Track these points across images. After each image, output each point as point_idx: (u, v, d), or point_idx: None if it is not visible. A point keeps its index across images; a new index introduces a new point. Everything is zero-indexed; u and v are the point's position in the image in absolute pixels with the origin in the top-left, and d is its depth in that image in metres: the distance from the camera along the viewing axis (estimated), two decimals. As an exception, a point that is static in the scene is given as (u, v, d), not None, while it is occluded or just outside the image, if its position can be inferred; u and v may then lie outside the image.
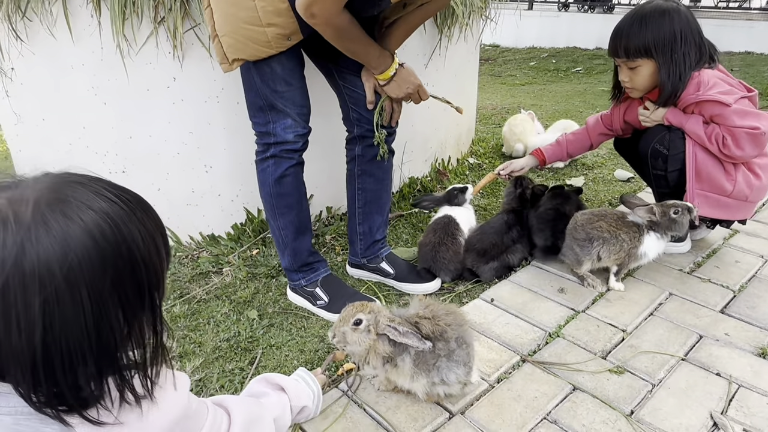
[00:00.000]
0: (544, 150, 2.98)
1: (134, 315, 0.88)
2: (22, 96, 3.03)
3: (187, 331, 2.43)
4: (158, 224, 0.96)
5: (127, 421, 0.89)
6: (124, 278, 0.85)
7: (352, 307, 1.73)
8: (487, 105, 6.45)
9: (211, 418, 1.07)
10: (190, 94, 2.76)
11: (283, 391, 1.44)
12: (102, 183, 0.92)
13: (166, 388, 0.97)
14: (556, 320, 2.24)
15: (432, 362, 1.71)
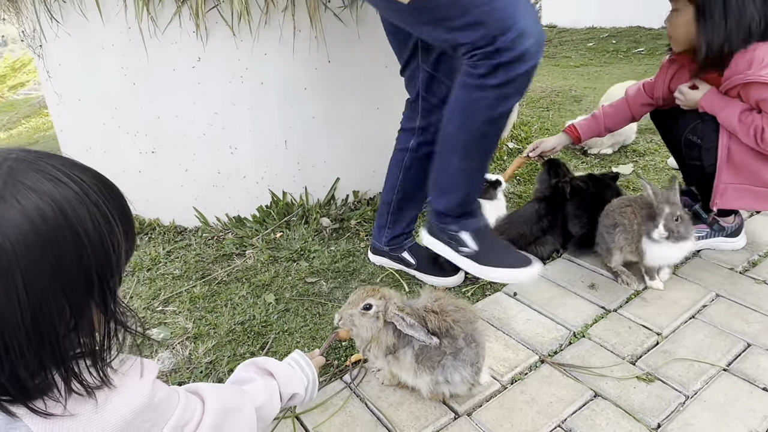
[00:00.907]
0: (579, 125, 2.72)
1: (82, 303, 0.82)
2: (60, 76, 3.11)
3: (205, 312, 2.43)
4: (119, 205, 0.90)
5: (80, 412, 0.84)
6: (67, 265, 0.79)
7: (363, 290, 1.66)
8: (536, 88, 6.14)
9: (182, 406, 1.01)
10: (214, 74, 2.74)
11: (271, 376, 1.37)
12: (55, 161, 0.85)
13: (130, 377, 0.92)
14: (583, 319, 2.06)
15: (437, 359, 1.61)
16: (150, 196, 3.13)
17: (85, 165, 0.90)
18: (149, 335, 1.00)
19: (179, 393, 1.05)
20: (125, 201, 0.93)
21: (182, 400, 1.03)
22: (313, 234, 2.97)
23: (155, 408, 0.94)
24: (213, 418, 1.07)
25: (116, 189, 0.92)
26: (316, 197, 3.11)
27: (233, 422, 1.13)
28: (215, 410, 1.08)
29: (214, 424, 1.06)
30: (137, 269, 2.80)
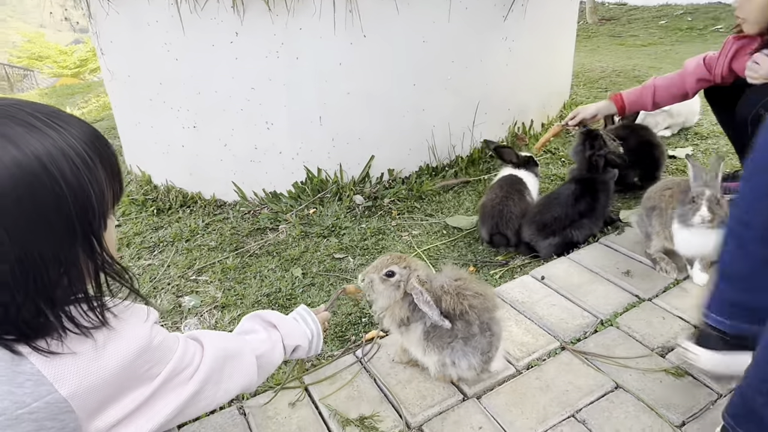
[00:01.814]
0: (626, 94, 2.51)
1: (66, 247, 0.85)
2: (112, 54, 3.25)
3: (234, 283, 2.49)
4: (100, 151, 0.90)
5: (81, 351, 0.87)
6: (46, 209, 0.81)
7: (390, 256, 1.62)
8: (596, 67, 5.81)
9: (181, 350, 1.04)
10: (251, 49, 2.76)
11: (275, 328, 1.38)
12: (31, 108, 0.87)
13: (128, 320, 0.95)
14: (613, 306, 1.94)
15: (447, 341, 1.56)
16: (192, 170, 3.23)
17: (66, 113, 0.92)
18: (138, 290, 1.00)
19: (179, 338, 1.07)
20: (108, 147, 0.93)
21: (182, 344, 1.05)
22: (345, 211, 2.97)
23: (154, 350, 0.97)
24: (212, 363, 1.09)
25: (98, 134, 0.93)
26: (351, 174, 3.10)
27: (232, 367, 1.16)
28: (213, 355, 1.10)
29: (212, 368, 1.09)
30: (176, 240, 2.91)
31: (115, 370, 0.90)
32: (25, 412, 0.81)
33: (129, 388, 0.94)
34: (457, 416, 1.56)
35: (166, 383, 1.00)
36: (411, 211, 2.96)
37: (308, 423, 1.59)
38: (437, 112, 3.10)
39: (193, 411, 1.08)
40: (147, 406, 0.98)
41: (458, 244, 2.63)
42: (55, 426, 0.85)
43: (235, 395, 1.18)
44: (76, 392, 0.85)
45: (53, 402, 0.83)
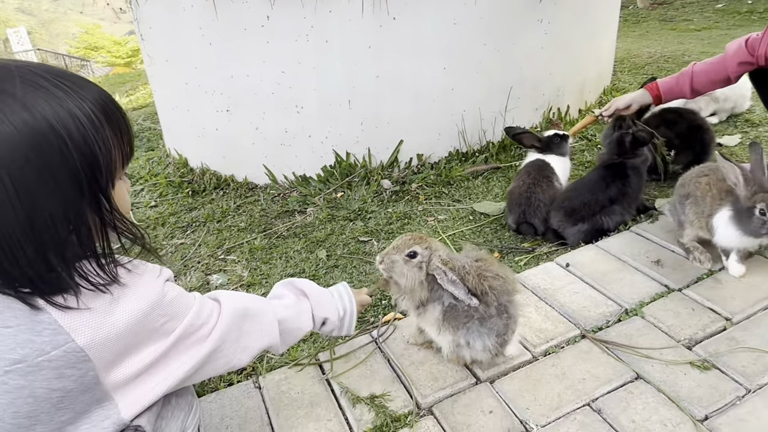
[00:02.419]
0: (662, 83, 2.39)
1: (74, 204, 0.86)
2: (151, 39, 3.35)
3: (261, 263, 2.54)
4: (110, 113, 0.92)
5: (95, 306, 0.90)
6: (53, 165, 0.83)
7: (410, 237, 1.58)
8: (643, 53, 5.56)
9: (197, 307, 1.05)
10: (281, 32, 2.79)
11: (306, 297, 1.39)
12: (42, 70, 0.89)
13: (140, 276, 0.97)
14: (639, 296, 1.87)
15: (462, 321, 1.54)
16: (226, 153, 3.31)
17: (76, 75, 0.94)
18: (150, 247, 1.02)
19: (196, 296, 1.10)
20: (118, 109, 0.95)
21: (198, 302, 1.07)
22: (372, 195, 2.97)
23: (168, 304, 0.99)
24: (229, 319, 1.11)
25: (107, 97, 0.94)
26: (379, 159, 3.09)
27: (251, 325, 1.18)
28: (231, 313, 1.12)
29: (230, 325, 1.11)
30: (208, 220, 2.99)
31: (128, 324, 0.92)
32: (44, 359, 0.85)
33: (144, 342, 0.96)
34: (468, 399, 1.55)
35: (182, 339, 1.02)
36: (438, 196, 2.93)
37: (320, 399, 1.61)
38: (468, 96, 3.04)
39: (211, 369, 1.10)
40: (164, 362, 1.00)
41: (484, 230, 2.59)
42: (74, 374, 0.88)
43: (255, 354, 1.19)
44: (92, 343, 0.88)
45: (71, 351, 0.87)
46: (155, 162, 3.90)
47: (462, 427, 1.46)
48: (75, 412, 0.93)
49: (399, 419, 1.51)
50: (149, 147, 4.43)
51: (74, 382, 0.89)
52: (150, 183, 3.57)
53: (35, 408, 0.88)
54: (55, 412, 0.90)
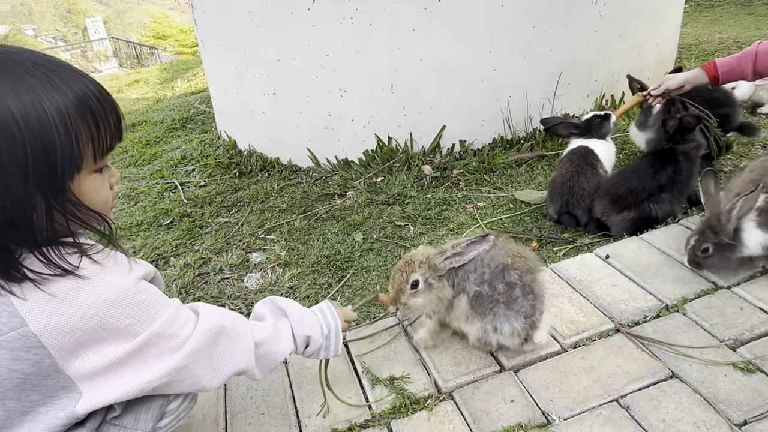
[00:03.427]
0: (721, 63, 2.21)
1: (16, 192, 0.85)
2: (204, 24, 3.45)
3: (298, 244, 2.58)
4: (90, 106, 0.90)
5: (59, 294, 0.90)
6: (1, 152, 0.83)
7: (400, 271, 1.51)
8: (714, 39, 5.20)
9: (170, 315, 1.01)
10: (326, 15, 2.80)
11: (285, 316, 1.31)
12: (27, 57, 0.89)
13: (108, 269, 0.95)
14: (682, 292, 1.76)
15: (489, 306, 1.51)
16: (272, 136, 3.38)
17: (65, 65, 0.93)
18: (115, 241, 1.01)
19: (172, 305, 1.05)
20: (100, 102, 0.93)
21: (172, 311, 1.03)
22: (412, 180, 2.95)
23: (135, 305, 0.96)
24: (203, 337, 1.06)
25: (92, 90, 0.92)
26: (421, 144, 3.07)
27: (226, 345, 1.11)
28: (206, 330, 1.07)
29: (203, 343, 1.06)
30: (252, 201, 3.07)
31: (84, 316, 0.91)
32: (3, 339, 0.87)
33: (107, 339, 0.94)
34: (490, 386, 1.52)
35: (149, 346, 0.99)
36: (479, 183, 2.87)
37: (342, 376, 1.63)
38: (514, 80, 2.96)
39: (177, 387, 1.05)
40: (129, 364, 0.97)
41: (524, 219, 2.52)
42: (30, 359, 0.89)
43: (226, 377, 1.13)
44: (45, 329, 0.88)
45: (25, 335, 0.87)
46: (207, 144, 4.04)
47: (481, 413, 1.44)
48: (42, 394, 0.93)
49: (418, 401, 1.50)
50: (203, 129, 4.59)
51: (31, 366, 0.90)
52: (201, 164, 3.71)
53: (0, 385, 0.90)
54: (21, 392, 0.92)
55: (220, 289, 2.30)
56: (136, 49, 23.16)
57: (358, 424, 1.46)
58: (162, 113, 5.38)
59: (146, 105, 6.68)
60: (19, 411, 0.94)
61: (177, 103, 5.88)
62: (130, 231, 2.95)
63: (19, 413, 0.94)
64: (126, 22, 41.56)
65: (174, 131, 4.74)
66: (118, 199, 3.39)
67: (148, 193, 3.42)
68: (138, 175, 3.83)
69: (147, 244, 2.75)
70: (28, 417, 0.94)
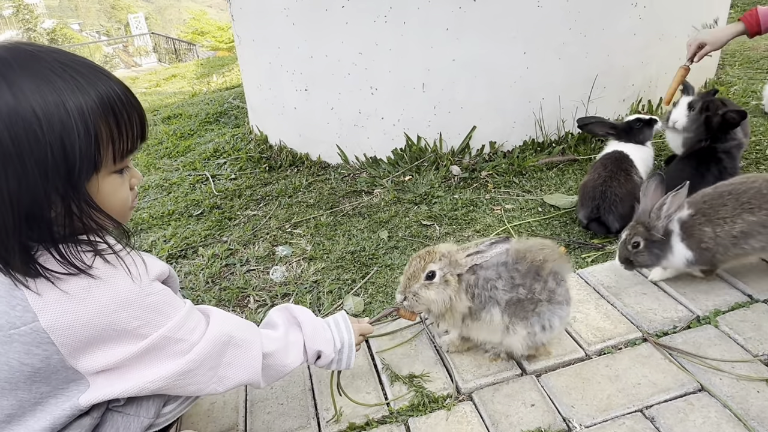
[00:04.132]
0: (762, 10, 2.08)
1: (34, 189, 0.86)
2: (241, 19, 3.51)
3: (324, 239, 2.60)
4: (112, 108, 0.91)
5: (71, 292, 0.91)
6: (23, 150, 0.84)
7: (419, 258, 1.43)
8: (760, 45, 5.02)
9: (180, 320, 1.01)
10: (360, 13, 2.81)
11: (299, 327, 1.30)
12: (57, 58, 0.89)
13: (120, 270, 0.96)
14: (715, 304, 1.70)
15: (530, 308, 1.45)
16: (302, 132, 3.41)
17: (93, 66, 0.93)
18: (125, 244, 1.02)
19: (183, 309, 1.04)
20: (124, 105, 0.93)
21: (182, 315, 1.03)
22: (440, 180, 2.94)
23: (145, 307, 0.97)
24: (211, 345, 1.06)
25: (117, 92, 0.93)
26: (450, 144, 3.05)
27: (233, 356, 1.11)
28: (215, 338, 1.07)
29: (210, 350, 1.06)
30: (281, 195, 3.10)
31: (93, 316, 0.92)
32: (15, 332, 0.89)
33: (115, 339, 0.95)
34: (510, 390, 1.50)
35: (157, 349, 0.99)
36: (508, 185, 2.84)
37: (362, 372, 1.63)
38: (548, 83, 2.91)
39: (180, 391, 1.06)
40: (135, 365, 0.99)
41: (553, 223, 2.48)
42: (40, 354, 0.91)
43: (231, 387, 1.13)
44: (54, 326, 0.90)
45: (36, 330, 0.89)
46: (239, 138, 4.10)
47: (500, 416, 1.42)
48: (52, 387, 0.96)
49: (437, 400, 1.49)
50: (236, 124, 4.67)
51: (41, 362, 0.92)
52: (232, 157, 3.77)
53: (11, 376, 0.92)
54: (32, 384, 0.94)
55: (245, 281, 2.33)
56: (174, 44, 23.72)
57: (375, 420, 1.47)
58: (197, 107, 5.49)
59: (182, 99, 6.83)
60: (31, 402, 0.96)
61: (212, 98, 5.99)
62: (162, 220, 3.02)
63: (30, 404, 0.96)
64: (166, 19, 42.62)
65: (208, 125, 4.83)
66: (152, 189, 3.48)
67: (181, 184, 3.49)
68: (171, 166, 3.92)
69: (177, 234, 2.81)
70: (39, 408, 0.97)
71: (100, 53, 26.77)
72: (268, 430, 1.47)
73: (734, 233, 1.64)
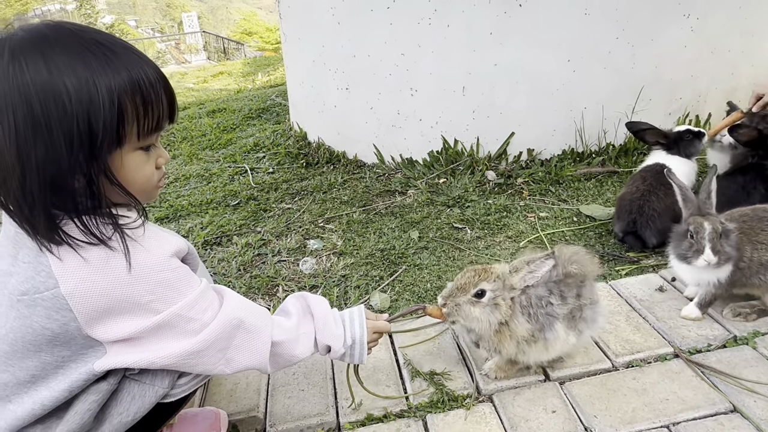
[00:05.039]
0: None
1: (60, 158, 0.89)
2: (288, 17, 3.59)
3: (355, 235, 2.62)
4: (140, 88, 0.94)
5: (91, 261, 0.94)
6: (52, 120, 0.88)
7: (474, 272, 1.39)
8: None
9: (193, 299, 1.03)
10: (405, 14, 2.84)
11: (312, 318, 1.29)
12: (93, 37, 0.94)
13: (138, 244, 0.99)
14: (754, 325, 1.63)
15: (578, 314, 1.44)
16: (341, 130, 3.45)
17: (127, 47, 0.97)
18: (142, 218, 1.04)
19: (199, 287, 1.06)
20: (152, 84, 0.96)
21: (197, 294, 1.04)
22: (475, 185, 2.92)
23: (159, 283, 0.99)
24: (222, 326, 1.07)
25: (145, 71, 0.95)
26: (487, 149, 3.03)
27: (242, 340, 1.12)
28: (226, 320, 1.08)
29: (220, 332, 1.07)
30: (316, 191, 3.15)
31: (110, 285, 0.95)
32: (39, 297, 0.94)
33: (129, 311, 0.98)
34: (532, 394, 1.48)
35: (169, 326, 1.02)
36: (543, 194, 2.80)
37: (384, 365, 1.64)
38: (591, 92, 2.86)
39: (190, 369, 1.09)
40: (147, 339, 1.01)
41: (587, 234, 2.43)
42: (59, 320, 0.95)
43: (238, 370, 1.14)
44: (73, 293, 0.93)
45: (56, 296, 0.93)
46: (279, 134, 4.19)
47: (520, 420, 1.40)
48: (72, 351, 0.99)
49: (456, 399, 1.49)
50: (277, 120, 4.76)
51: (59, 327, 0.95)
52: (271, 152, 3.85)
53: (35, 339, 0.96)
54: (53, 347, 0.98)
55: (276, 270, 2.37)
56: (224, 43, 24.41)
57: (393, 413, 1.47)
58: (241, 103, 5.63)
59: (227, 94, 7.02)
60: (53, 364, 1.00)
61: (255, 95, 6.14)
62: (200, 208, 3.10)
63: (53, 366, 1.00)
64: (218, 18, 43.91)
65: (250, 120, 4.94)
66: (193, 178, 3.59)
67: (220, 175, 3.59)
68: (213, 157, 4.03)
69: (213, 222, 2.88)
70: (61, 371, 1.01)
71: (153, 49, 27.78)
72: (288, 414, 1.50)
73: (763, 261, 1.58)
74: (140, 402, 1.08)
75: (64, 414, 1.03)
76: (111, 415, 1.07)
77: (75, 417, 1.03)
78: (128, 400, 1.08)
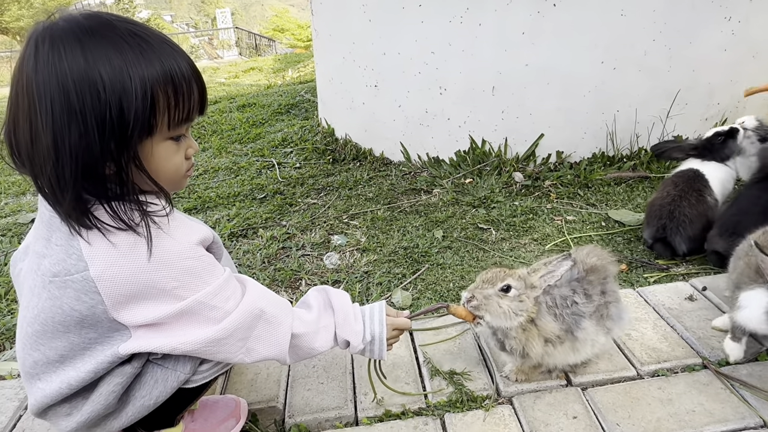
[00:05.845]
0: None
1: (92, 145, 0.91)
2: (320, 14, 3.61)
3: (379, 232, 2.63)
4: (172, 80, 0.96)
5: (119, 245, 0.96)
6: (86, 108, 0.90)
7: (499, 269, 1.41)
8: None
9: (217, 287, 1.05)
10: (436, 13, 2.82)
11: (332, 312, 1.29)
12: (130, 29, 0.95)
13: (167, 231, 1.01)
14: (789, 339, 1.58)
15: (604, 312, 1.43)
16: (368, 127, 3.46)
17: (162, 39, 0.99)
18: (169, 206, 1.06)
19: (222, 276, 1.08)
20: (184, 76, 0.98)
21: (220, 283, 1.06)
22: (501, 186, 2.89)
23: (184, 270, 1.01)
24: (243, 316, 1.08)
25: (178, 63, 0.97)
26: (515, 150, 3.00)
27: (262, 330, 1.13)
28: (247, 310, 1.09)
29: (242, 321, 1.08)
30: (341, 187, 3.16)
31: (137, 270, 0.97)
32: (69, 279, 0.97)
33: (154, 297, 1.00)
34: (553, 399, 1.45)
35: (192, 313, 1.03)
36: (571, 197, 2.76)
37: (403, 362, 1.64)
38: (625, 95, 2.80)
39: (211, 357, 1.10)
40: (171, 325, 1.03)
41: (615, 239, 2.38)
42: (87, 302, 0.97)
43: (258, 360, 1.15)
44: (102, 276, 0.96)
45: (86, 279, 0.96)
46: (307, 129, 4.22)
47: (540, 424, 1.38)
48: (99, 333, 1.02)
49: (475, 400, 1.47)
50: (305, 116, 4.80)
51: (87, 310, 0.98)
52: (299, 147, 3.88)
53: (64, 320, 0.99)
54: (81, 329, 1.01)
55: (299, 264, 2.39)
56: (256, 39, 24.70)
57: (411, 410, 1.47)
58: (270, 98, 5.69)
59: (257, 90, 7.11)
60: (80, 346, 1.03)
61: (285, 90, 6.20)
62: (227, 200, 3.15)
63: (80, 348, 1.03)
64: (251, 15, 44.50)
65: (279, 115, 5.00)
66: (221, 171, 3.64)
67: (248, 169, 3.63)
68: (241, 151, 4.08)
69: (240, 214, 2.92)
70: (88, 352, 1.04)
71: (187, 44, 28.30)
72: (307, 406, 1.51)
73: None
74: (162, 386, 1.10)
75: (89, 395, 1.07)
76: (134, 398, 1.10)
77: (100, 398, 1.06)
78: (151, 383, 1.10)
